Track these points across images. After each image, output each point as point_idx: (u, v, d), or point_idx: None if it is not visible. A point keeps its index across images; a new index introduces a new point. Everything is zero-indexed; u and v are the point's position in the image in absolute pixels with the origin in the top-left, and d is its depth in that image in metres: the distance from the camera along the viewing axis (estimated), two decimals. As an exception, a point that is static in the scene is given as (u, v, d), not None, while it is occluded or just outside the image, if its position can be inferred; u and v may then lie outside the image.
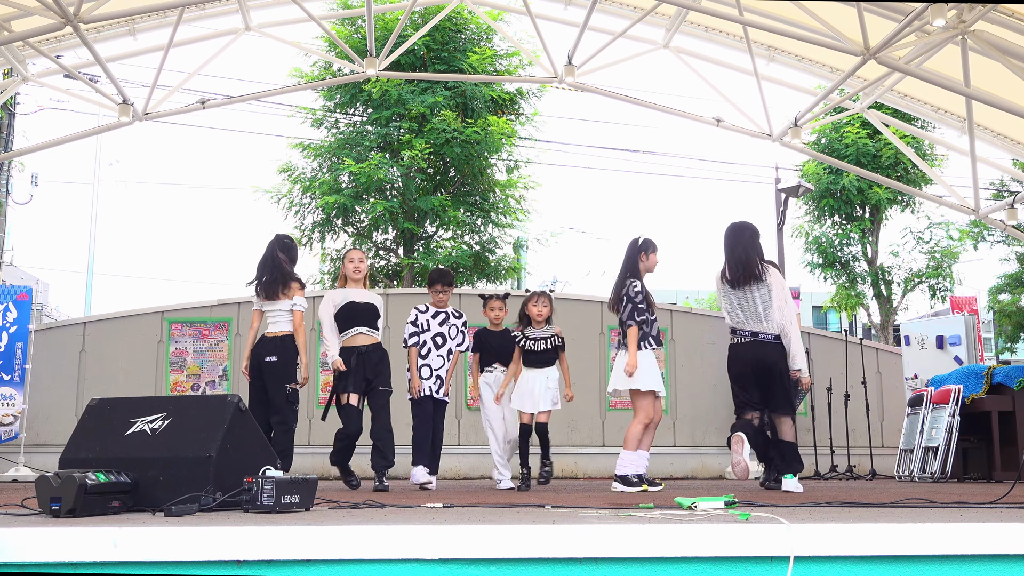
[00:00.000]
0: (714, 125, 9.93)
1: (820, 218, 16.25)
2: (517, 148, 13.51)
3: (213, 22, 9.46)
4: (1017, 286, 19.65)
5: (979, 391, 8.46)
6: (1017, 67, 7.85)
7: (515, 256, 14.15)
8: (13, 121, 14.52)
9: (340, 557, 2.32)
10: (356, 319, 6.28)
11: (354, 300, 6.32)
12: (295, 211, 12.83)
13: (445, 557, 2.33)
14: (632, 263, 6.02)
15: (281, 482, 3.17)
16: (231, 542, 2.33)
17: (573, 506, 3.70)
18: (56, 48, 9.16)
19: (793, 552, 2.37)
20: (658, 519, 2.72)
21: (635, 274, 5.97)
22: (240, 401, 3.63)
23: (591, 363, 9.88)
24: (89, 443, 3.61)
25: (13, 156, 13.95)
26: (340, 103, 13.17)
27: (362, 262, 6.49)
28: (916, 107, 10.04)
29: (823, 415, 9.87)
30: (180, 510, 2.99)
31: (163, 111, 9.48)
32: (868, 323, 17.16)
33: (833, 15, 7.95)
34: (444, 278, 6.69)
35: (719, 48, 9.77)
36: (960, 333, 10.16)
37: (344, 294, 6.37)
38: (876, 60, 7.83)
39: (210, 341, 9.66)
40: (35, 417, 8.98)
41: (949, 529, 2.47)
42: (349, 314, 6.29)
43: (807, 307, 36.71)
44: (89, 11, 7.36)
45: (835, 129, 15.21)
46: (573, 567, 2.36)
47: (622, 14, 9.43)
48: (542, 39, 9.28)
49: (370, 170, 11.86)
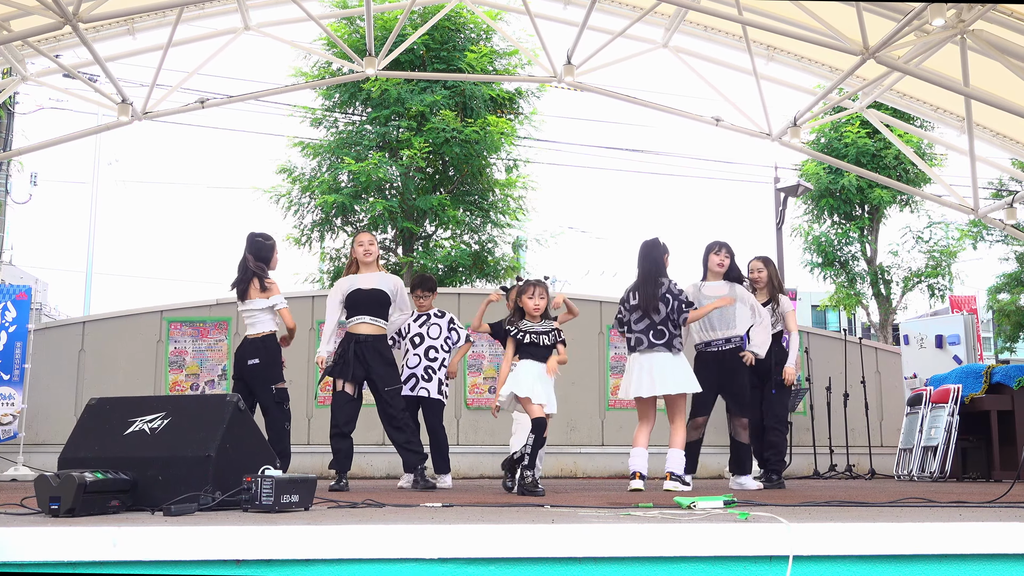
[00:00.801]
0: (713, 124, 9.92)
1: (819, 217, 16.25)
2: (516, 147, 13.51)
3: (212, 21, 9.45)
4: (1016, 285, 19.65)
5: (978, 390, 8.46)
6: (1016, 66, 7.85)
7: (514, 256, 14.14)
8: (12, 120, 14.51)
9: (339, 557, 2.32)
10: (359, 307, 6.09)
11: (360, 287, 6.12)
12: (294, 210, 12.82)
13: (444, 556, 2.33)
14: (660, 263, 5.85)
15: (280, 482, 3.17)
16: (230, 542, 2.33)
17: (572, 505, 3.70)
18: (55, 47, 9.15)
19: (792, 551, 2.37)
20: (657, 518, 2.72)
21: (666, 274, 5.86)
22: (239, 400, 3.63)
23: (590, 363, 9.88)
24: (88, 442, 3.61)
25: (12, 156, 13.93)
26: (339, 102, 13.16)
27: (372, 244, 6.24)
28: (915, 106, 10.04)
29: (822, 415, 9.87)
30: (179, 510, 2.99)
31: (162, 110, 9.48)
32: (867, 322, 17.16)
33: (832, 15, 7.95)
34: (425, 284, 6.77)
35: (718, 48, 9.77)
36: (959, 332, 10.17)
37: (351, 281, 6.17)
38: (875, 59, 7.83)
39: (209, 340, 9.66)
40: (34, 417, 8.98)
41: (948, 528, 2.47)
42: (353, 301, 6.11)
43: (806, 306, 36.72)
44: (88, 10, 7.35)
45: (835, 129, 15.21)
46: (572, 566, 2.36)
47: (621, 13, 9.42)
48: (541, 38, 9.28)
49: (369, 169, 11.86)
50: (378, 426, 8.83)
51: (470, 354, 9.70)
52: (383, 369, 6.03)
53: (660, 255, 5.85)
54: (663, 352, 5.63)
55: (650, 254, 5.85)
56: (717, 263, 6.37)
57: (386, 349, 6.16)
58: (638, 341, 5.70)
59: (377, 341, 6.09)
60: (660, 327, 5.65)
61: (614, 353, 9.82)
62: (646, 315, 5.68)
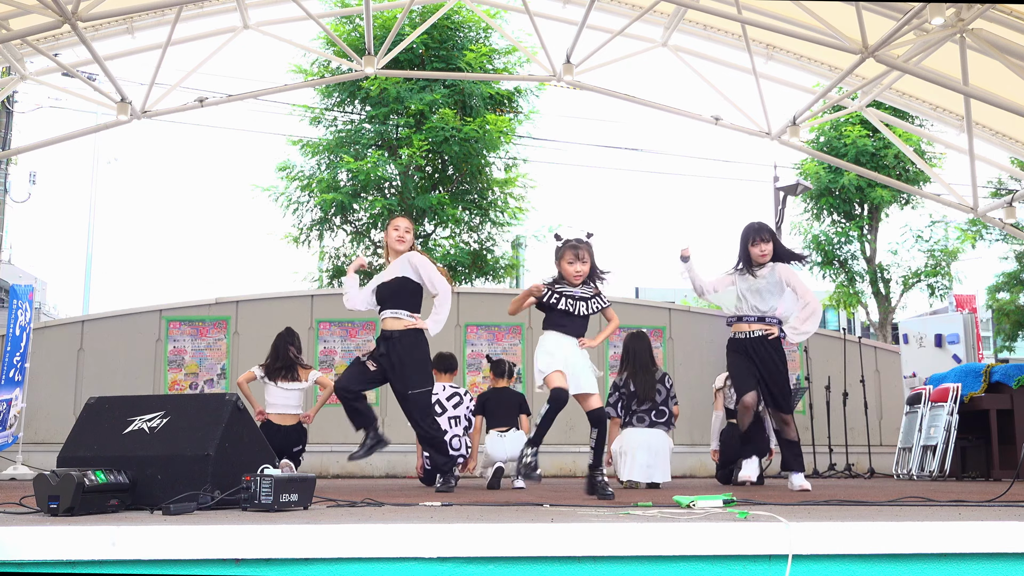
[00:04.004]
0: (713, 123, 9.92)
1: (819, 216, 16.25)
2: (515, 146, 13.51)
3: (211, 20, 9.45)
4: (1015, 284, 19.66)
5: (977, 389, 8.46)
6: (1015, 65, 7.85)
7: (513, 254, 14.15)
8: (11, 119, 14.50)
9: (339, 556, 2.32)
10: (383, 300, 5.49)
11: (383, 280, 5.50)
12: (293, 209, 12.83)
13: (444, 556, 2.32)
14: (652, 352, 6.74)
15: (279, 480, 3.17)
16: (229, 541, 2.33)
17: (572, 504, 3.70)
18: (54, 46, 9.14)
19: (791, 550, 2.37)
20: (656, 517, 2.71)
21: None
22: (238, 399, 3.62)
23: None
24: (87, 442, 3.60)
25: (11, 154, 13.93)
26: (338, 101, 13.16)
27: (408, 232, 5.51)
28: (915, 105, 10.04)
29: (821, 414, 9.87)
30: (178, 509, 2.98)
31: (161, 109, 9.47)
32: (867, 321, 17.16)
33: (832, 13, 7.95)
34: (440, 364, 6.89)
35: (718, 46, 9.77)
36: (959, 331, 10.16)
37: (377, 278, 5.60)
38: (875, 58, 7.83)
39: (208, 339, 9.65)
40: (33, 415, 8.97)
41: (947, 527, 2.47)
42: (379, 296, 5.52)
43: (805, 305, 36.61)
44: (87, 9, 7.35)
45: (834, 128, 15.21)
46: (572, 565, 2.36)
47: (620, 12, 9.42)
48: (540, 37, 9.27)
49: (368, 168, 11.86)
50: (377, 425, 8.79)
51: (469, 352, 9.70)
52: (407, 380, 5.36)
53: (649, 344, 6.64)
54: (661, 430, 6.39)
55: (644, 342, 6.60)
56: (759, 254, 5.69)
57: (416, 346, 5.42)
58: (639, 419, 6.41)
59: (404, 336, 5.37)
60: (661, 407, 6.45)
61: (613, 352, 9.82)
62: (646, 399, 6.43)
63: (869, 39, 7.70)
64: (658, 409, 6.46)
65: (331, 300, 10.03)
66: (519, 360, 9.62)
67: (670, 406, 6.53)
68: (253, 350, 9.25)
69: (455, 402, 6.69)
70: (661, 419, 6.46)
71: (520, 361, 9.61)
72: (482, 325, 9.83)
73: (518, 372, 9.32)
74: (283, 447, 6.50)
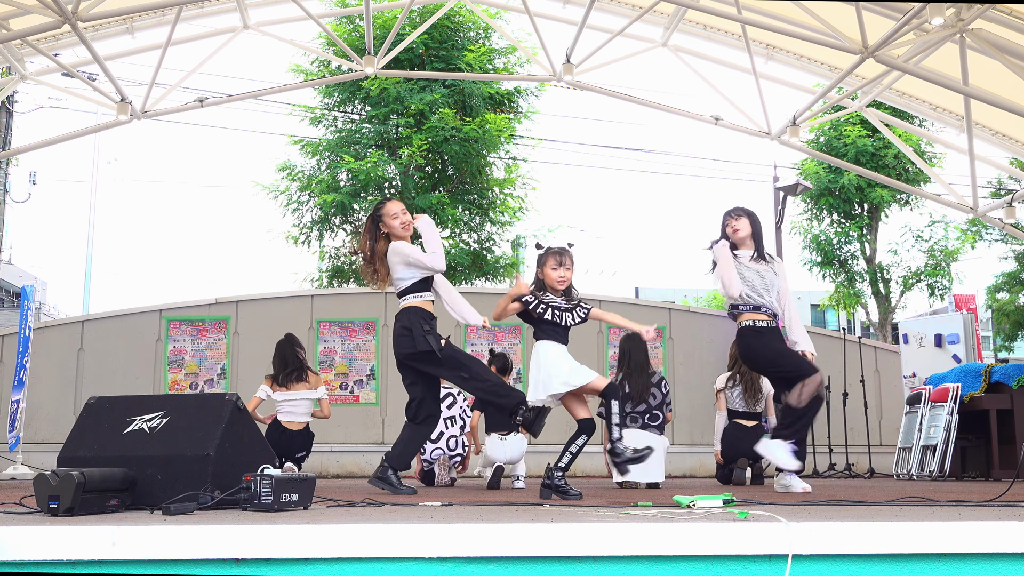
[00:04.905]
0: (713, 123, 9.92)
1: (819, 216, 16.25)
2: (515, 146, 13.51)
3: (211, 20, 9.46)
4: (1015, 284, 19.66)
5: (977, 389, 8.46)
6: (1015, 65, 7.85)
7: (513, 254, 14.14)
8: (11, 119, 14.51)
9: (339, 556, 2.32)
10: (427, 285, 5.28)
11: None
12: (293, 209, 12.83)
13: (444, 555, 2.32)
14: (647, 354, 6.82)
15: (279, 481, 3.16)
16: (229, 541, 2.33)
17: (572, 504, 3.70)
18: (54, 46, 9.15)
19: (791, 550, 2.37)
20: (656, 517, 2.71)
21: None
22: (238, 399, 3.62)
23: (589, 362, 9.76)
24: (87, 441, 3.60)
25: (11, 154, 13.93)
26: (339, 101, 13.16)
27: (405, 213, 5.31)
28: (914, 105, 10.04)
29: (821, 413, 9.83)
30: (178, 509, 2.98)
31: (161, 109, 9.48)
32: (866, 321, 17.16)
33: (831, 14, 7.95)
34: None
35: (717, 47, 9.77)
36: (958, 331, 10.16)
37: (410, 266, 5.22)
38: (874, 58, 7.83)
39: (208, 339, 9.65)
40: (33, 415, 8.97)
41: (947, 527, 2.47)
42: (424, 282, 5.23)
43: (805, 305, 36.73)
44: (87, 9, 7.35)
45: (834, 127, 15.21)
46: (572, 565, 2.36)
47: (620, 12, 9.42)
48: (540, 37, 9.28)
49: (368, 168, 11.85)
50: (376, 425, 8.84)
51: (469, 352, 9.70)
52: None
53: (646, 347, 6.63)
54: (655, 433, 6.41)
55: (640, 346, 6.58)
56: (731, 229, 5.39)
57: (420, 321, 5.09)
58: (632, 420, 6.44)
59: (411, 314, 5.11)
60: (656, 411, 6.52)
61: (613, 352, 9.81)
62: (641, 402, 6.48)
63: (869, 39, 7.70)
64: (652, 413, 6.52)
65: (331, 300, 10.04)
66: (519, 360, 9.61)
67: (664, 412, 6.57)
68: (253, 350, 9.25)
69: (448, 403, 6.68)
70: (654, 423, 6.51)
71: (520, 361, 9.60)
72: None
73: (518, 372, 9.32)
74: (288, 450, 6.49)
